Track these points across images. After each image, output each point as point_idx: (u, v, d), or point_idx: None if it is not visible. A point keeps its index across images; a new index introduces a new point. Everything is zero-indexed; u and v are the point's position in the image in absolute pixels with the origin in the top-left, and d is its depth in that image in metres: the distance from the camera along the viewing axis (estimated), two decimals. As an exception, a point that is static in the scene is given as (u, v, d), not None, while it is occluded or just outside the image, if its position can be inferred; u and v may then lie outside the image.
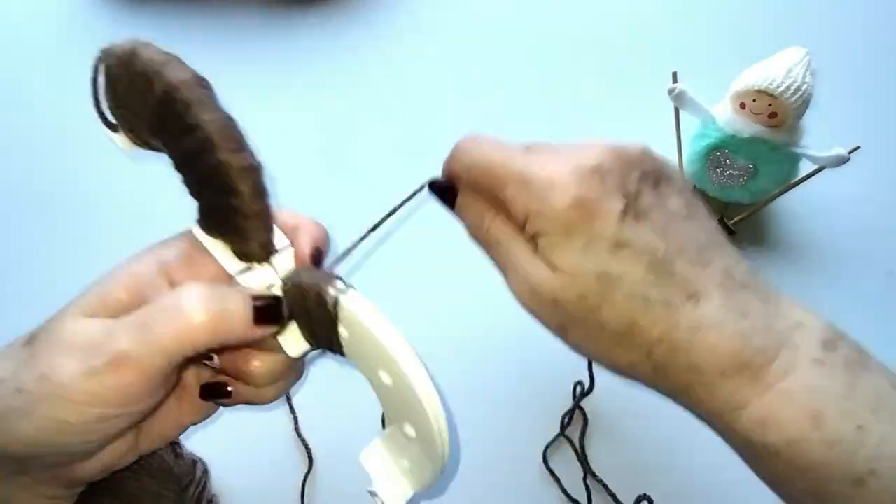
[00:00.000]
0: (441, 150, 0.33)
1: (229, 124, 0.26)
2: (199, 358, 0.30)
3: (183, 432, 0.31)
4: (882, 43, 0.63)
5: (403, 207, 0.34)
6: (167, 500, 0.33)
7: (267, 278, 0.28)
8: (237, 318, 0.26)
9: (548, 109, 0.59)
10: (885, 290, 0.53)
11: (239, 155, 0.26)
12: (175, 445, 0.37)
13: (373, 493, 0.29)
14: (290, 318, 0.28)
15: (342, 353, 0.28)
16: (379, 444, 0.30)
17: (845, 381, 0.26)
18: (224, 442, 0.43)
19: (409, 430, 0.28)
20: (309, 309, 0.27)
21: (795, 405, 0.26)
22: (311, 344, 0.29)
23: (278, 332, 0.28)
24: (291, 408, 0.46)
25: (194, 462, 0.39)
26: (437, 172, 0.33)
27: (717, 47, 0.61)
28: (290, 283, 0.28)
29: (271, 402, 0.30)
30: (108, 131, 0.28)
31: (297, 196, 0.35)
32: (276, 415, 0.46)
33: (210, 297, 0.25)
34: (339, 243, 0.34)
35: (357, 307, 0.26)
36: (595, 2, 0.65)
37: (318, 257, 0.30)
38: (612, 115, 0.59)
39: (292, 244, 0.30)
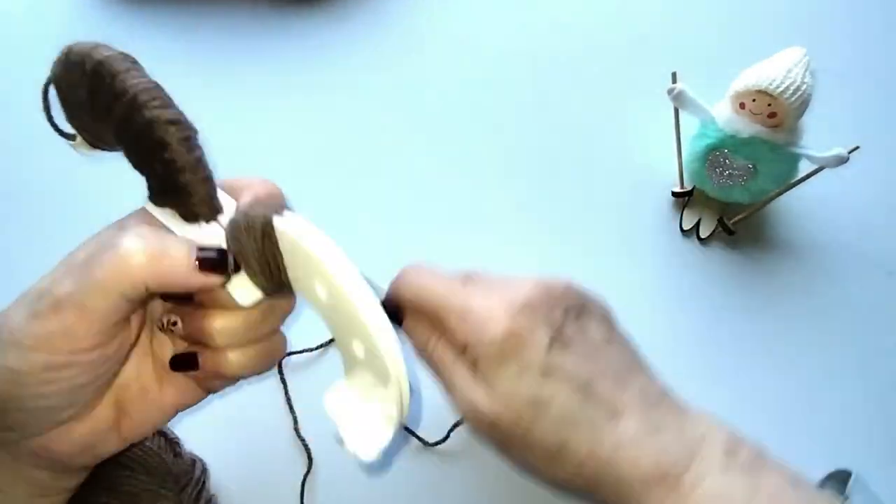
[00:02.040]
0: (441, 150, 0.33)
1: (153, 85, 0.27)
2: (160, 327, 0.30)
3: (169, 418, 0.31)
4: (882, 43, 0.63)
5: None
6: (165, 499, 0.33)
7: (214, 236, 0.29)
8: (178, 262, 0.26)
9: (547, 110, 0.59)
10: (885, 290, 0.53)
11: (165, 110, 0.26)
12: (174, 445, 0.37)
13: (341, 440, 0.29)
14: (237, 267, 0.28)
15: (290, 289, 0.28)
16: (342, 385, 0.30)
17: (748, 483, 0.29)
18: (223, 442, 0.43)
19: (358, 349, 0.28)
20: (249, 244, 0.27)
21: None
22: (262, 290, 0.29)
23: (225, 282, 0.28)
24: (291, 408, 0.46)
25: (193, 461, 0.39)
26: (431, 174, 0.33)
27: (717, 47, 0.61)
28: (231, 225, 0.28)
29: (244, 374, 0.30)
30: (67, 141, 0.30)
31: (296, 195, 0.35)
32: (275, 415, 0.46)
33: (150, 238, 0.26)
34: (340, 244, 0.34)
35: (290, 224, 0.26)
36: (595, 2, 0.65)
37: None
38: (612, 115, 0.59)
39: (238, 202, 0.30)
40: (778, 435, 0.47)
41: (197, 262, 0.27)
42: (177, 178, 0.27)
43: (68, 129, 0.31)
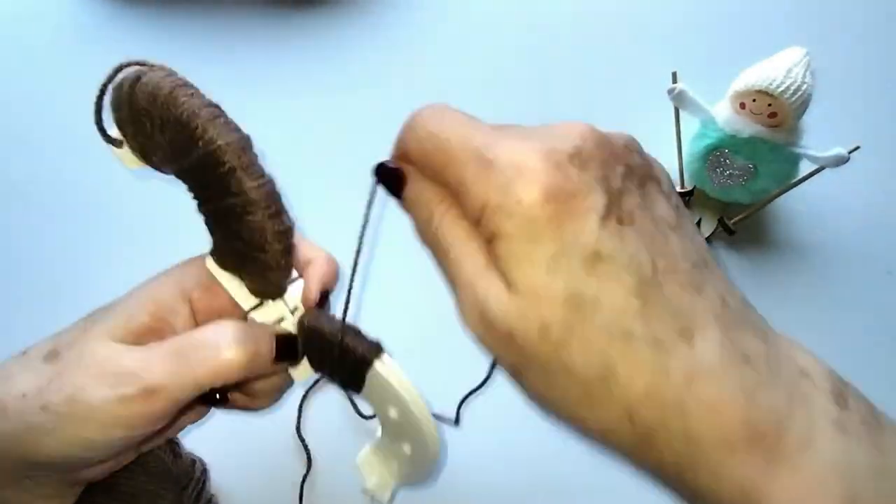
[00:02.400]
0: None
1: (272, 190, 0.27)
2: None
3: (180, 431, 0.33)
4: (882, 43, 0.63)
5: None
6: (165, 499, 0.33)
7: (277, 312, 0.30)
8: (265, 357, 0.28)
9: (547, 109, 0.59)
10: (885, 290, 0.53)
11: (277, 220, 0.26)
12: (174, 445, 0.37)
13: (365, 491, 0.32)
14: (303, 353, 0.30)
15: (356, 393, 0.31)
16: (371, 449, 0.33)
17: (870, 451, 0.21)
18: (223, 442, 0.43)
19: (406, 449, 0.31)
20: (334, 358, 0.29)
21: (827, 495, 0.20)
22: (319, 373, 0.31)
23: (292, 366, 0.30)
24: (300, 410, 0.45)
25: (193, 462, 0.39)
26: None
27: (717, 47, 0.61)
28: (308, 325, 0.30)
29: (264, 409, 0.32)
30: (112, 147, 0.28)
31: (296, 196, 0.35)
32: (275, 415, 0.46)
33: (245, 339, 0.27)
34: (340, 244, 0.34)
35: (389, 374, 0.28)
36: (595, 2, 0.65)
37: (324, 300, 0.31)
38: (611, 115, 0.59)
39: (302, 276, 0.31)
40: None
41: (275, 359, 0.28)
42: (264, 273, 0.28)
43: (116, 134, 0.28)
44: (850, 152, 0.47)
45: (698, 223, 0.54)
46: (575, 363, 0.21)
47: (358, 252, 0.27)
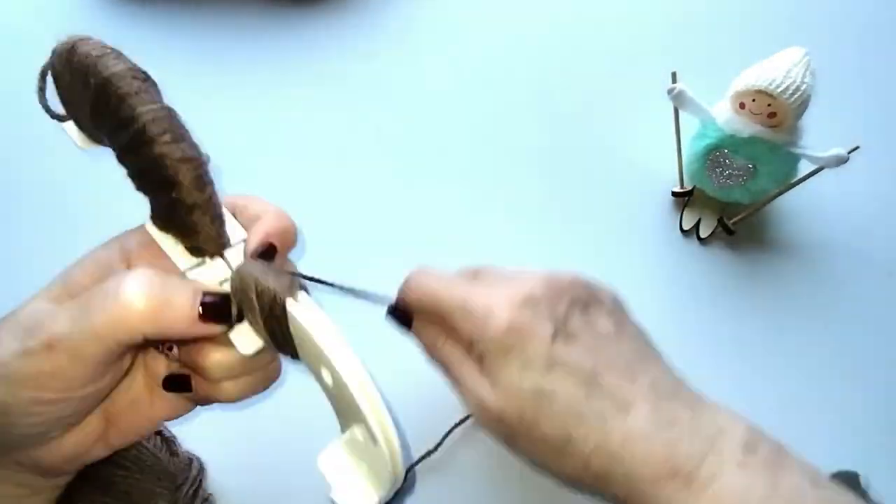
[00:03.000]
0: (440, 150, 0.34)
1: (165, 115, 0.25)
2: (154, 347, 0.29)
3: (156, 428, 0.31)
4: (882, 43, 0.63)
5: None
6: (161, 497, 0.33)
7: (220, 274, 0.28)
8: (180, 312, 0.25)
9: (547, 110, 0.59)
10: (885, 290, 0.52)
11: (175, 146, 0.25)
12: (170, 443, 0.37)
13: (332, 501, 0.28)
14: (241, 316, 0.27)
15: (296, 356, 0.27)
16: (337, 447, 0.28)
17: (767, 482, 0.28)
18: (221, 441, 0.43)
19: (358, 434, 0.27)
20: (255, 308, 0.26)
21: None
22: (265, 342, 0.27)
23: (227, 330, 0.27)
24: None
25: (190, 460, 0.39)
26: (431, 173, 0.33)
27: (717, 47, 0.61)
28: (238, 280, 0.27)
29: (236, 400, 0.29)
30: (60, 124, 0.28)
31: (294, 196, 0.35)
32: (275, 414, 0.46)
33: (153, 285, 0.25)
34: (337, 244, 0.34)
35: (302, 314, 0.25)
36: (595, 2, 0.65)
37: (266, 253, 0.29)
38: (611, 115, 0.59)
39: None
40: (777, 435, 0.47)
41: (200, 312, 0.25)
42: (185, 216, 0.26)
43: (61, 111, 0.29)
44: (849, 152, 0.47)
45: (698, 223, 0.54)
46: (545, 434, 0.30)
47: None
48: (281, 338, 0.26)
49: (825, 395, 0.49)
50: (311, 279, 0.29)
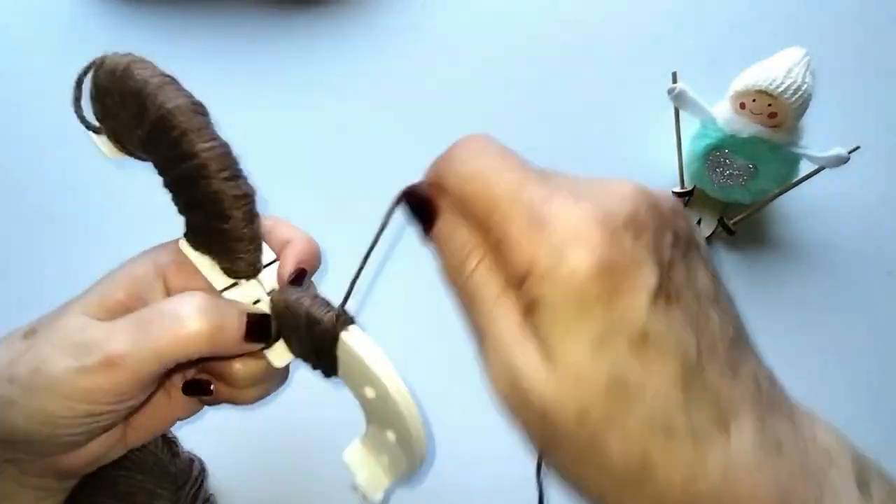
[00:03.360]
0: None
1: (225, 152, 0.26)
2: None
3: (170, 426, 0.32)
4: (882, 43, 0.63)
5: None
6: (162, 498, 0.33)
7: (253, 293, 0.29)
8: (230, 333, 0.27)
9: (548, 110, 0.59)
10: (885, 290, 0.53)
11: (233, 183, 0.26)
12: (172, 444, 0.37)
13: (355, 487, 0.30)
14: (278, 334, 0.29)
15: (334, 374, 0.29)
16: (359, 444, 0.31)
17: None
18: (222, 442, 0.43)
19: (391, 436, 0.29)
20: (302, 333, 0.28)
21: None
22: (296, 356, 0.30)
23: (266, 347, 0.29)
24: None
25: (191, 461, 0.39)
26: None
27: (717, 47, 0.61)
28: (282, 304, 0.29)
29: (253, 403, 0.31)
30: (90, 134, 0.29)
31: (294, 198, 0.35)
32: (277, 416, 0.46)
33: (208, 309, 0.26)
34: (337, 247, 0.34)
35: (357, 344, 0.27)
36: (594, 2, 0.65)
37: (299, 278, 0.30)
38: (612, 115, 0.59)
39: (279, 259, 0.30)
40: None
41: (245, 334, 0.27)
42: (230, 245, 0.27)
43: (93, 120, 0.29)
44: (850, 152, 0.47)
45: (698, 223, 0.54)
46: (612, 452, 0.19)
47: (361, 267, 0.27)
48: (323, 361, 0.28)
49: (825, 394, 0.49)
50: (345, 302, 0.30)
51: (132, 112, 0.26)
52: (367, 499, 0.30)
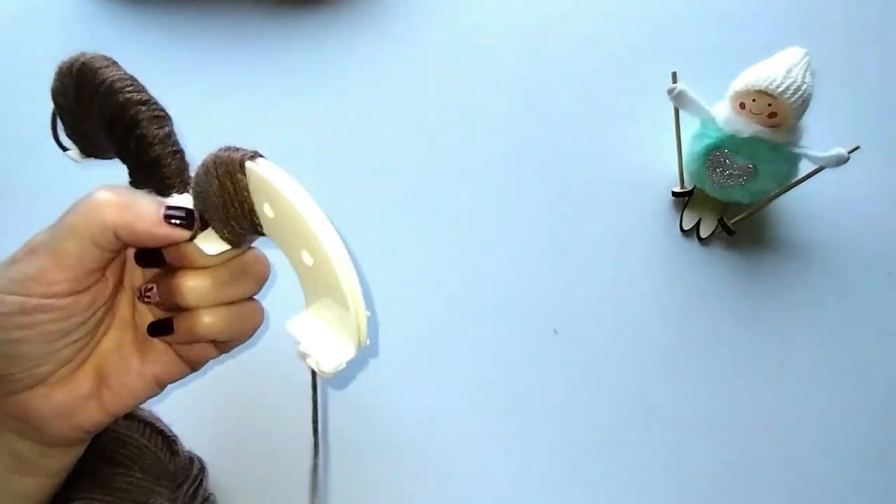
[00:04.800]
0: (441, 150, 0.33)
1: (128, 76, 0.29)
2: (138, 298, 0.31)
3: (153, 393, 0.31)
4: (882, 43, 0.63)
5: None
6: (160, 496, 0.33)
7: (185, 203, 0.30)
8: (147, 212, 0.28)
9: (547, 109, 0.59)
10: (885, 290, 0.53)
11: (136, 93, 0.29)
12: (171, 442, 0.37)
13: (304, 355, 0.29)
14: (204, 224, 0.29)
15: (261, 233, 0.30)
16: (306, 315, 0.31)
17: None
18: (222, 441, 0.43)
19: (327, 304, 0.29)
20: (216, 186, 0.28)
21: None
22: (229, 242, 0.30)
23: (192, 237, 0.29)
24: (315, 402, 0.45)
25: (191, 459, 0.39)
26: (431, 174, 0.33)
27: (717, 47, 0.61)
28: (199, 171, 0.29)
29: (218, 336, 0.30)
30: (65, 153, 0.33)
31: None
32: (277, 415, 0.46)
33: (121, 189, 0.28)
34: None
35: (263, 167, 0.27)
36: (594, 2, 0.65)
37: None
38: (612, 115, 0.59)
39: None
40: (777, 434, 0.47)
41: (164, 215, 0.28)
42: (149, 153, 0.29)
43: (68, 143, 0.34)
44: (850, 152, 0.47)
45: (698, 223, 0.54)
46: None
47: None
48: (241, 211, 0.28)
49: (825, 394, 0.49)
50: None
51: (66, 85, 0.30)
52: (319, 369, 0.29)
